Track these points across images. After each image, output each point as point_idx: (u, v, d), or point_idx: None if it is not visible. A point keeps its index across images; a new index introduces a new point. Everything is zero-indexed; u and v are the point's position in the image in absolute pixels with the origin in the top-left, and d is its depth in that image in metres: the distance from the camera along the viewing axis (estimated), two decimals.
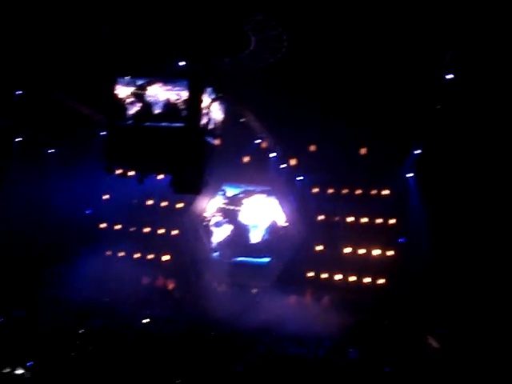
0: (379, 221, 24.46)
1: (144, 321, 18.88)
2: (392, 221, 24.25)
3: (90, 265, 22.58)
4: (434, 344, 17.40)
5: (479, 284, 20.20)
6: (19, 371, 12.70)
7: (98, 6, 15.61)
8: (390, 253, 23.91)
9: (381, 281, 23.86)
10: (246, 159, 25.94)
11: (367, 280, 24.19)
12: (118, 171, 20.10)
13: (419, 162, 22.48)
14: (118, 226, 26.87)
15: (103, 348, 14.89)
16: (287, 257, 25.28)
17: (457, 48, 16.01)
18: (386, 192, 24.36)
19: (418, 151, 22.29)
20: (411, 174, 23.24)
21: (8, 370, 12.66)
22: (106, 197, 26.75)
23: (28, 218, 24.05)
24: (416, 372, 14.44)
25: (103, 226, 26.90)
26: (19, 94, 21.49)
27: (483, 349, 15.75)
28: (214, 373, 13.60)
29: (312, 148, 24.99)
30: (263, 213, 26.44)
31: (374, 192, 24.57)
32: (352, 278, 24.44)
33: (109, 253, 25.75)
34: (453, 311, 19.63)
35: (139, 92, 17.81)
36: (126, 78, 17.80)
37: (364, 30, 15.49)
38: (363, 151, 24.15)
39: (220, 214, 26.80)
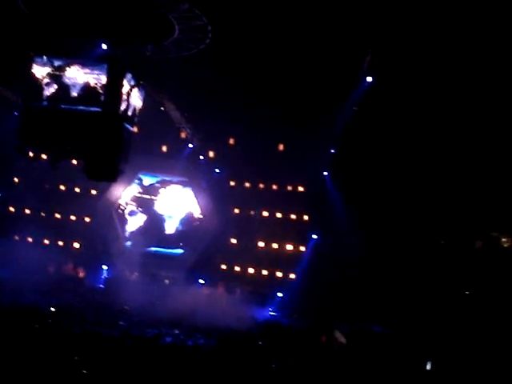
0: (293, 216, 24.86)
1: (51, 309, 18.38)
2: (306, 217, 24.69)
3: None
4: (341, 339, 17.88)
5: (390, 280, 20.90)
6: None
7: None
8: (302, 248, 24.32)
9: (292, 275, 24.25)
10: (164, 149, 25.73)
11: (279, 274, 24.54)
12: (31, 154, 19.51)
13: (335, 160, 22.96)
14: (28, 211, 26.03)
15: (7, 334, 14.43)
16: (201, 248, 25.29)
17: (377, 51, 16.47)
18: (301, 189, 24.77)
19: (333, 150, 22.74)
20: (326, 173, 23.69)
21: None
22: (16, 180, 25.85)
23: None
24: (323, 365, 14.79)
25: (12, 209, 26.01)
26: None
27: (390, 343, 16.35)
28: (120, 363, 13.44)
29: (231, 141, 25.11)
30: (179, 204, 26.32)
31: (289, 188, 24.93)
32: (264, 272, 24.73)
33: (17, 237, 24.90)
34: (361, 306, 20.20)
35: (57, 73, 17.30)
36: (44, 57, 17.28)
37: (288, 27, 15.68)
38: (281, 147, 24.48)
39: (135, 202, 26.48)
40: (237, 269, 25.08)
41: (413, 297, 20.00)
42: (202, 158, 25.33)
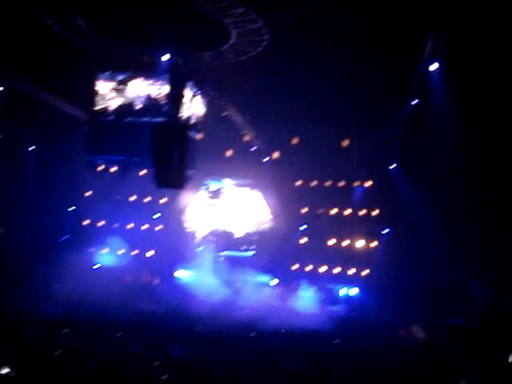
0: (363, 212, 24.57)
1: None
2: (375, 212, 24.36)
3: (74, 262, 22.51)
4: (420, 334, 17.56)
5: (468, 270, 20.33)
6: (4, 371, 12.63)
7: (76, 2, 15.49)
8: (374, 244, 24.00)
9: (365, 272, 23.97)
10: (229, 153, 25.91)
11: (352, 271, 24.30)
12: (100, 167, 20.10)
13: (401, 152, 22.56)
14: (101, 223, 26.72)
15: (93, 345, 14.88)
16: (271, 249, 25.31)
17: (440, 36, 16.05)
18: (368, 184, 24.46)
19: (398, 142, 22.35)
20: (394, 165, 23.29)
21: None
22: (87, 193, 26.57)
23: (10, 217, 23.95)
24: (400, 362, 14.55)
25: (86, 222, 26.75)
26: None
27: (471, 336, 15.94)
28: (200, 368, 13.61)
29: (294, 141, 25.04)
30: (247, 206, 26.44)
31: (357, 184, 24.67)
32: (336, 270, 24.55)
33: (92, 250, 25.60)
34: (439, 299, 19.76)
35: (120, 87, 17.79)
36: (107, 73, 17.77)
37: (345, 20, 15.47)
38: (345, 143, 24.23)
39: (204, 208, 26.76)
40: (309, 268, 24.99)
41: (493, 288, 19.32)
42: (267, 159, 25.37)
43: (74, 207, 25.94)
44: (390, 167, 23.41)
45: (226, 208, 26.64)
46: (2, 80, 20.46)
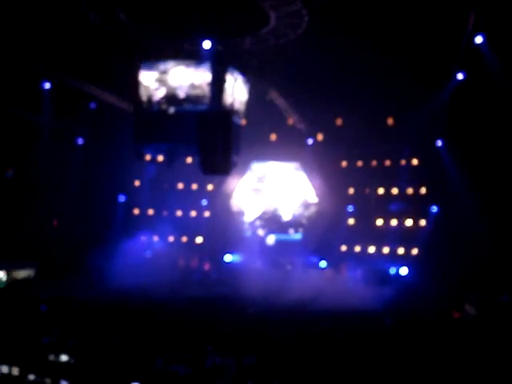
0: (410, 191, 24.33)
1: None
2: (423, 190, 24.09)
3: (126, 250, 23.04)
4: (472, 311, 17.37)
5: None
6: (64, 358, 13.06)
7: None
8: (423, 222, 23.75)
9: (414, 251, 23.76)
10: (274, 136, 25.97)
11: (401, 251, 24.13)
12: (148, 157, 20.42)
13: (448, 129, 22.18)
14: (151, 211, 27.19)
15: (144, 329, 15.20)
16: (319, 232, 25.32)
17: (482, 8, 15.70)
18: (415, 162, 24.17)
19: (444, 118, 21.95)
20: (440, 142, 22.92)
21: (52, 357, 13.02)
22: (137, 183, 27.05)
23: (63, 208, 24.61)
24: (453, 339, 14.44)
25: (136, 211, 27.26)
26: (47, 85, 21.85)
27: None
28: (252, 350, 13.77)
29: (338, 122, 24.92)
30: (293, 189, 26.49)
31: (403, 162, 24.40)
32: (385, 250, 24.42)
33: (143, 237, 26.09)
34: (489, 276, 19.46)
35: (163, 77, 18.01)
36: (149, 63, 18.00)
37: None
38: (390, 122, 23.99)
39: (250, 193, 26.93)
40: (357, 249, 24.93)
41: None
42: (311, 141, 25.33)
43: (123, 197, 26.42)
44: (437, 144, 22.99)
45: (273, 191, 26.74)
46: (50, 76, 20.98)
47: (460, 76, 19.25)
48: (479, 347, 13.53)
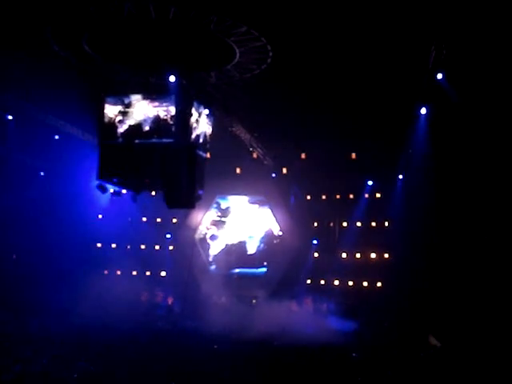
0: (373, 224, 24.58)
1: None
2: (386, 223, 24.35)
3: (89, 284, 22.62)
4: (435, 342, 17.48)
5: (476, 283, 20.14)
6: None
7: (80, 27, 15.71)
8: (386, 255, 23.95)
9: (378, 284, 23.89)
10: (238, 170, 26.05)
11: (365, 284, 24.24)
12: (111, 190, 20.22)
13: (409, 162, 22.52)
14: (114, 245, 26.86)
15: (107, 367, 14.87)
16: (284, 265, 25.32)
17: (443, 45, 16.07)
18: (378, 195, 24.48)
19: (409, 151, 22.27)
20: (401, 176, 23.26)
21: None
22: (100, 216, 26.74)
23: (24, 242, 24.10)
24: (418, 371, 14.47)
25: (99, 245, 26.90)
26: (9, 118, 21.60)
27: (483, 348, 15.80)
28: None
29: (303, 156, 25.16)
30: (258, 223, 26.51)
31: (366, 196, 24.69)
32: (350, 283, 24.50)
33: (106, 271, 25.69)
34: (451, 311, 19.60)
35: (127, 110, 17.95)
36: (114, 96, 17.96)
37: (348, 34, 15.58)
38: (353, 156, 24.32)
39: (215, 226, 26.85)
40: (322, 282, 24.97)
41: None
42: (274, 175, 25.48)
43: (86, 230, 26.05)
44: (399, 177, 23.32)
45: (237, 225, 26.71)
46: (12, 107, 20.75)
47: (423, 110, 19.58)
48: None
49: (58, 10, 14.83)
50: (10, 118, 21.66)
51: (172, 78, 17.64)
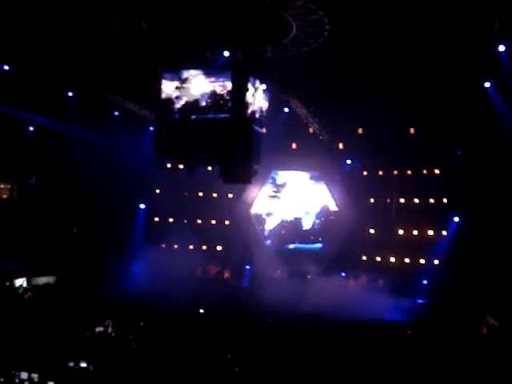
0: (431, 201, 24.13)
1: (200, 311, 19.15)
2: (444, 200, 23.85)
3: (146, 258, 23.15)
4: (493, 322, 17.17)
5: None
6: (83, 364, 13.10)
7: (138, 3, 15.85)
8: (444, 233, 23.51)
9: (436, 261, 23.51)
10: (294, 145, 25.97)
11: (422, 261, 23.90)
12: (169, 165, 20.51)
13: (468, 139, 21.93)
14: (171, 219, 27.30)
15: (165, 339, 15.23)
16: (339, 241, 25.22)
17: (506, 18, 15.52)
18: (437, 171, 23.97)
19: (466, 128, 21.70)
20: (459, 152, 22.67)
21: (72, 363, 13.07)
22: (157, 191, 27.18)
23: (84, 215, 24.78)
24: (474, 350, 14.27)
25: (157, 219, 27.38)
26: (70, 94, 22.10)
27: None
28: (271, 360, 13.74)
29: (359, 131, 24.87)
30: (314, 198, 26.43)
31: (424, 172, 24.21)
32: (407, 260, 24.21)
33: (164, 245, 26.16)
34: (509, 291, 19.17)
35: (184, 86, 18.09)
36: (171, 72, 18.12)
37: (408, 6, 15.21)
38: (412, 131, 23.86)
39: (271, 201, 26.91)
40: (378, 259, 24.76)
41: None
42: (332, 150, 25.27)
43: (144, 204, 26.57)
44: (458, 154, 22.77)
45: (293, 200, 26.70)
46: (74, 85, 21.21)
47: (487, 84, 18.98)
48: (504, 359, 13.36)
49: None
50: (72, 95, 22.17)
51: (228, 53, 17.66)
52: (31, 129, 22.87)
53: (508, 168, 20.24)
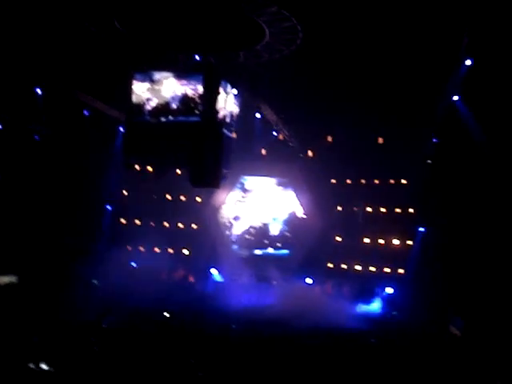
0: (398, 210, 24.39)
1: (166, 314, 19.03)
2: (411, 210, 24.13)
3: (111, 260, 22.89)
4: (455, 332, 17.39)
5: (496, 271, 19.96)
6: (43, 366, 12.88)
7: (111, 3, 15.73)
8: (410, 242, 23.77)
9: (400, 270, 23.76)
10: (264, 151, 26.01)
11: (387, 270, 24.13)
12: (137, 167, 20.37)
13: (437, 150, 22.25)
14: (138, 222, 27.08)
15: (125, 344, 15.07)
16: (306, 248, 25.29)
17: (475, 32, 15.81)
18: (404, 181, 24.24)
19: (435, 139, 22.00)
20: (429, 161, 22.95)
21: (32, 365, 12.84)
22: (125, 193, 26.95)
23: (48, 216, 24.42)
24: (436, 360, 14.43)
25: (123, 221, 27.14)
26: (39, 93, 21.80)
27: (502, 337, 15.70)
28: (233, 366, 13.70)
29: (329, 139, 25.01)
30: (281, 205, 26.47)
31: (392, 181, 24.48)
32: (372, 268, 24.41)
33: (129, 247, 25.93)
34: (472, 300, 19.46)
35: (155, 87, 17.99)
36: (142, 73, 18.00)
37: (378, 17, 15.40)
38: (380, 141, 24.10)
39: (239, 206, 26.88)
40: (344, 266, 24.92)
41: None
42: (300, 156, 25.40)
43: (111, 206, 26.31)
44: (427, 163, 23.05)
45: (261, 206, 26.70)
46: (43, 82, 20.93)
47: (455, 97, 19.32)
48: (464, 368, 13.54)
49: None
50: (40, 92, 21.87)
51: (200, 57, 17.64)
52: None
53: (475, 180, 20.61)
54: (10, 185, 23.97)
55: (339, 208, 25.40)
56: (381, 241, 24.53)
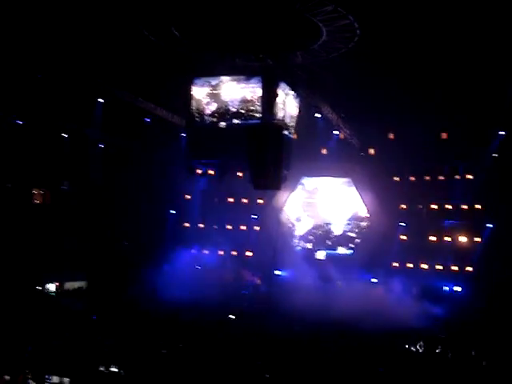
0: (464, 207, 23.77)
1: (231, 316, 19.16)
2: (478, 206, 23.48)
3: (176, 263, 23.26)
4: None
5: None
6: (113, 369, 13.17)
7: (169, 11, 15.95)
8: (478, 239, 23.14)
9: (469, 268, 23.15)
10: (325, 151, 25.85)
11: (454, 268, 23.56)
12: (199, 171, 20.58)
13: (504, 142, 21.56)
14: (201, 225, 27.38)
15: (194, 344, 15.24)
16: (370, 247, 24.97)
17: None
18: (470, 177, 23.61)
19: (503, 132, 21.33)
20: (495, 155, 22.26)
21: (102, 368, 13.15)
22: (188, 197, 27.29)
23: (115, 221, 24.98)
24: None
25: (187, 225, 27.48)
26: (101, 102, 22.35)
27: None
28: (299, 366, 13.67)
29: (391, 136, 24.64)
30: (344, 204, 26.26)
31: (457, 177, 23.89)
32: (439, 267, 23.89)
33: (193, 251, 26.23)
34: None
35: (215, 92, 18.14)
36: (202, 78, 18.19)
37: (442, 12, 15.05)
38: (444, 136, 23.56)
39: (301, 207, 26.82)
40: (409, 265, 24.48)
41: None
42: (362, 154, 25.11)
43: (174, 210, 26.69)
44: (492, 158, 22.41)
45: (323, 206, 26.57)
46: (105, 91, 21.44)
47: None
48: None
49: None
50: (102, 101, 22.41)
51: (258, 59, 17.68)
52: (65, 136, 23.17)
53: None
54: (79, 192, 24.65)
55: (403, 206, 24.97)
56: (447, 238, 23.97)
